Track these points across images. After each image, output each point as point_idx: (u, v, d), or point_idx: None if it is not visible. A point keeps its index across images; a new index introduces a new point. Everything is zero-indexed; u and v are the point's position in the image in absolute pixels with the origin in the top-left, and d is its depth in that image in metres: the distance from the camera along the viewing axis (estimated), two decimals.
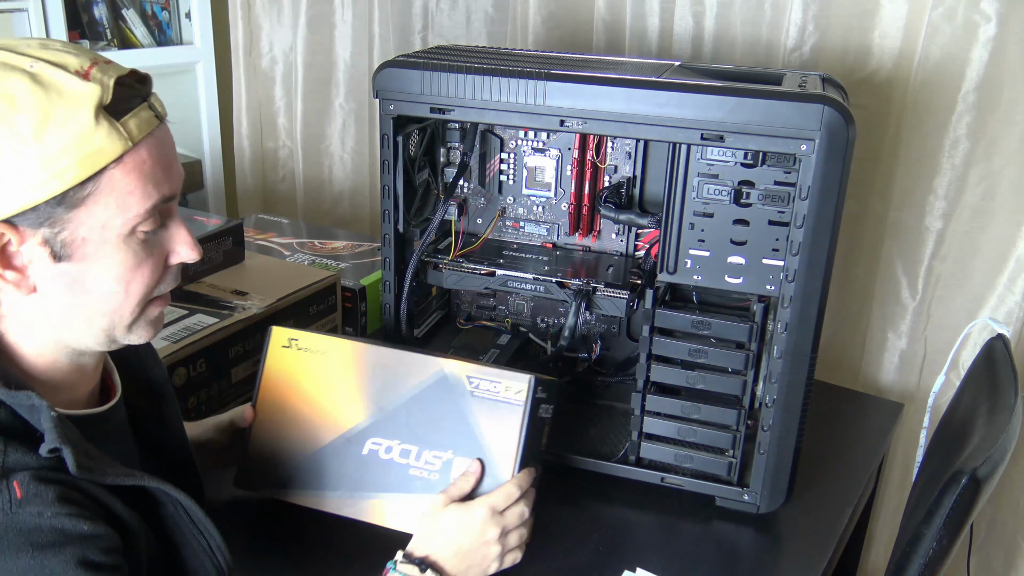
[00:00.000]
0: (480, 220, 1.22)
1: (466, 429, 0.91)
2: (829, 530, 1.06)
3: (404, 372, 0.95)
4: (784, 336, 0.97)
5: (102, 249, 0.68)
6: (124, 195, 0.67)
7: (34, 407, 0.66)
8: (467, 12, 1.80)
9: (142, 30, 2.06)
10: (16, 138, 0.63)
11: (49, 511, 0.62)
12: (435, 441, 0.92)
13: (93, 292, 0.70)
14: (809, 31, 1.41)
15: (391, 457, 0.93)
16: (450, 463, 0.92)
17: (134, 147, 0.67)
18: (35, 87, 0.64)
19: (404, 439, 0.93)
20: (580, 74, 0.98)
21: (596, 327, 1.24)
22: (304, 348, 0.99)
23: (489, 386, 0.92)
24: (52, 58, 0.66)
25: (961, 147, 1.34)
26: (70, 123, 0.64)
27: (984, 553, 1.47)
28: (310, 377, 0.98)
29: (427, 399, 0.93)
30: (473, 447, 0.91)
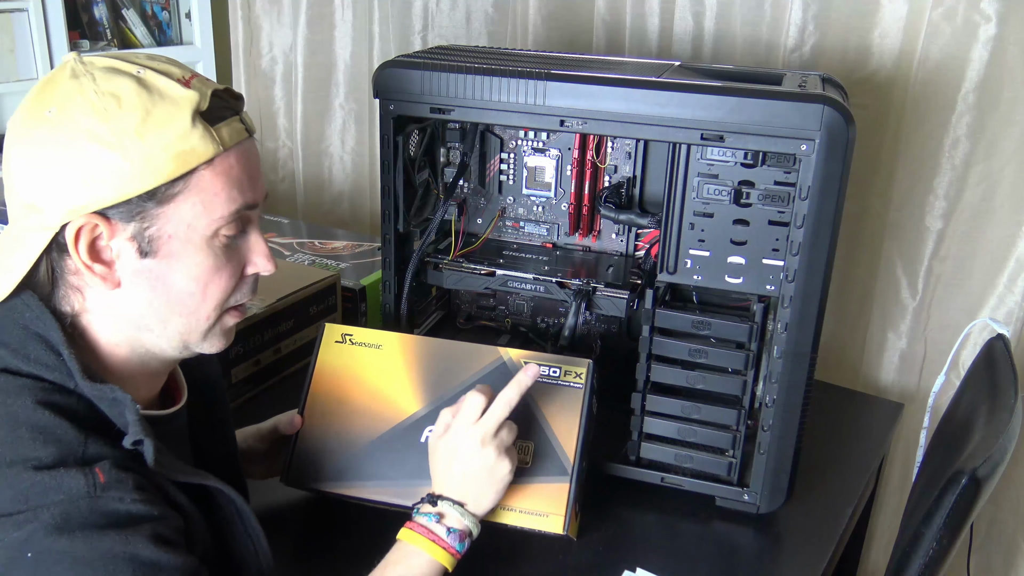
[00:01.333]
0: (480, 220, 1.22)
1: (527, 413, 0.92)
2: (829, 530, 1.06)
3: (462, 361, 0.96)
4: (784, 336, 0.97)
5: (186, 248, 0.71)
6: (211, 196, 0.71)
7: (117, 400, 0.69)
8: (467, 12, 1.80)
9: (142, 30, 2.06)
10: (118, 134, 0.67)
11: (129, 496, 0.66)
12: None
13: (173, 291, 0.73)
14: (809, 31, 1.41)
15: None
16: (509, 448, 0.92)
17: (224, 152, 0.71)
18: (140, 89, 0.68)
19: None
20: (580, 74, 0.98)
21: (596, 327, 1.24)
22: (359, 343, 1.00)
23: (548, 371, 0.94)
24: (157, 67, 0.71)
25: (961, 147, 1.34)
26: (170, 123, 0.68)
27: (984, 553, 1.47)
28: (365, 371, 0.98)
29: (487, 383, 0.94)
30: (534, 430, 0.92)
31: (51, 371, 0.69)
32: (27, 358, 0.69)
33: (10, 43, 1.78)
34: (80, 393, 0.69)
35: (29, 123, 0.69)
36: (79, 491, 0.64)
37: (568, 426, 0.93)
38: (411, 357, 0.98)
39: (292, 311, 1.30)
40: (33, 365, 0.69)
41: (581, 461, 0.93)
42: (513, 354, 0.96)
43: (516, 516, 0.90)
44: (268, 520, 1.03)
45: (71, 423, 0.67)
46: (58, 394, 0.69)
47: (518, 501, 0.90)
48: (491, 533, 1.02)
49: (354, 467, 0.95)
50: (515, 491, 0.90)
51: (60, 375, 0.69)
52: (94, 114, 0.67)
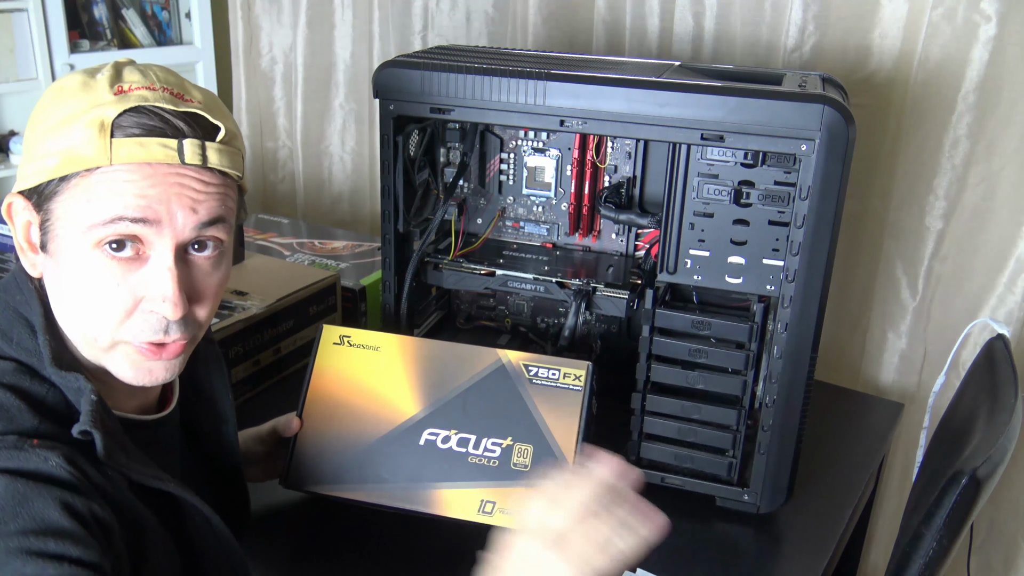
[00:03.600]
0: (480, 220, 1.22)
1: (525, 416, 0.93)
2: (829, 530, 1.06)
3: (460, 363, 0.96)
4: (784, 336, 0.97)
5: (69, 250, 0.69)
6: (83, 203, 0.68)
7: (79, 390, 0.67)
8: (467, 12, 1.80)
9: (142, 30, 2.06)
10: (46, 123, 0.68)
11: (55, 461, 0.63)
12: (493, 429, 0.93)
13: (67, 293, 0.71)
14: (809, 31, 1.41)
15: (449, 447, 0.93)
16: (510, 449, 0.92)
17: (111, 166, 0.67)
18: (82, 87, 0.68)
19: (461, 428, 0.94)
20: (580, 74, 0.98)
21: (596, 327, 1.24)
22: (357, 344, 0.99)
23: (548, 373, 0.94)
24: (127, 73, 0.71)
25: (961, 147, 1.34)
26: (78, 124, 0.67)
27: (984, 553, 1.47)
28: (363, 372, 0.98)
29: (484, 388, 0.94)
30: (533, 433, 0.92)
31: (30, 355, 0.69)
32: (10, 341, 0.70)
33: (10, 43, 1.78)
34: (52, 381, 0.68)
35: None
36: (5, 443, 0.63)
37: (567, 428, 0.92)
38: (409, 359, 0.98)
39: (292, 311, 1.30)
40: (15, 348, 0.69)
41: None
42: (512, 356, 0.96)
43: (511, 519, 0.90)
44: (268, 521, 1.03)
45: (30, 407, 0.66)
46: (29, 378, 0.68)
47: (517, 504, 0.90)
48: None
49: (353, 469, 0.95)
50: (514, 495, 0.90)
51: (37, 360, 0.69)
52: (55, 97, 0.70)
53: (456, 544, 1.01)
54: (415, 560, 0.99)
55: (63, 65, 1.84)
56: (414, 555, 0.99)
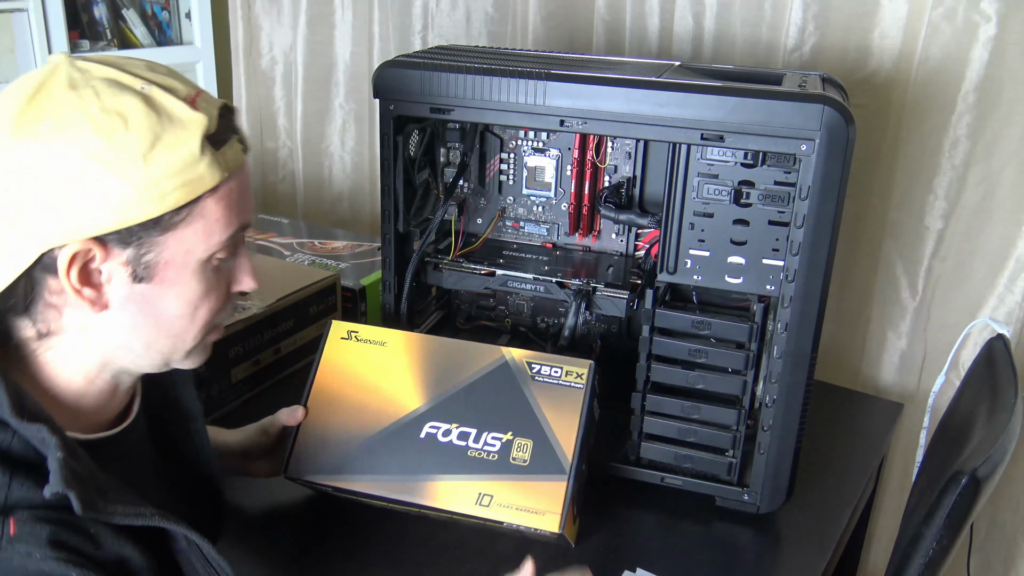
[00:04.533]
0: (480, 220, 1.22)
1: (527, 412, 0.93)
2: (829, 530, 1.06)
3: (464, 360, 0.97)
4: (784, 336, 0.97)
5: (182, 274, 0.69)
6: (212, 222, 0.69)
7: (44, 441, 0.64)
8: (467, 12, 1.80)
9: (142, 30, 2.06)
10: (123, 157, 0.63)
11: (39, 552, 0.61)
12: (494, 423, 0.93)
13: (162, 315, 0.71)
14: (809, 31, 1.41)
15: (449, 440, 0.94)
16: (510, 444, 0.92)
17: (227, 178, 0.69)
18: (148, 110, 0.65)
19: (462, 422, 0.94)
20: (580, 74, 0.98)
21: (596, 327, 1.24)
22: (364, 340, 1.00)
23: (550, 371, 0.94)
24: (162, 82, 0.67)
25: (961, 147, 1.34)
26: (178, 149, 0.65)
27: (984, 553, 1.47)
28: (368, 367, 0.99)
29: (487, 384, 0.95)
30: (533, 428, 0.93)
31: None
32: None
33: (10, 43, 1.78)
34: (14, 428, 0.64)
35: (20, 134, 0.63)
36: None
37: (567, 425, 0.93)
38: (414, 355, 0.98)
39: (292, 311, 1.30)
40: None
41: (580, 462, 0.93)
42: (515, 354, 0.97)
43: (512, 513, 0.90)
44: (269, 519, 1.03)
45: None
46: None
47: (514, 498, 0.90)
48: (492, 536, 1.02)
49: (353, 461, 0.95)
50: (511, 488, 0.90)
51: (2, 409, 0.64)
52: (97, 134, 0.63)
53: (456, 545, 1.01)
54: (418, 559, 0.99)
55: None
56: (416, 554, 0.99)
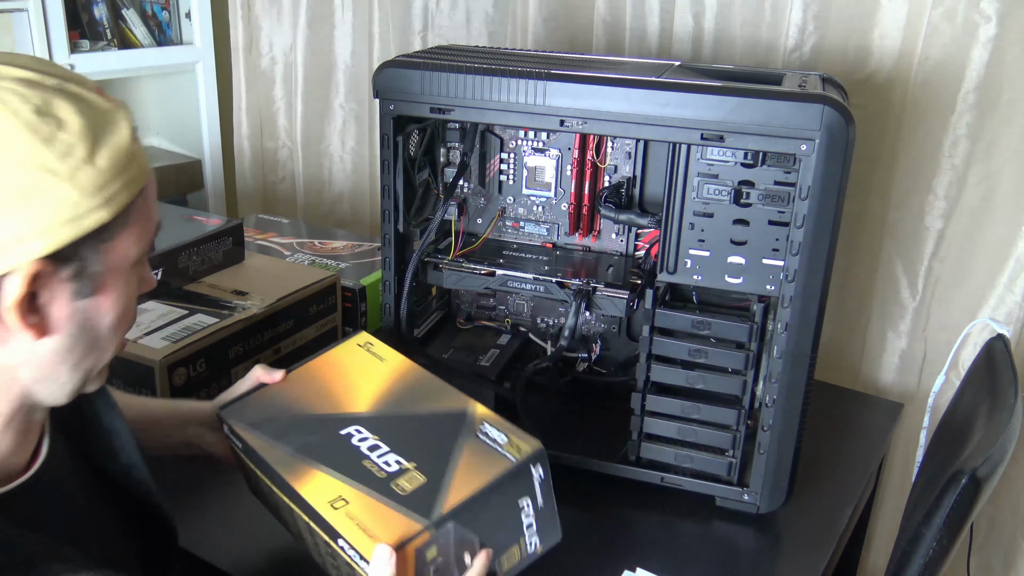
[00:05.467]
0: (480, 220, 1.22)
1: (445, 455, 0.85)
2: (829, 530, 1.06)
3: (432, 395, 0.93)
4: (784, 336, 0.97)
5: (118, 281, 0.64)
6: (145, 220, 0.64)
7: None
8: (467, 12, 1.80)
9: (142, 30, 2.06)
10: (70, 161, 0.58)
11: None
12: (407, 450, 0.87)
13: (97, 330, 0.64)
14: (809, 31, 1.41)
15: (359, 446, 0.88)
16: (404, 472, 0.84)
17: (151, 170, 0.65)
18: (77, 107, 0.59)
19: (383, 437, 0.89)
20: (580, 74, 0.98)
21: (596, 327, 1.24)
22: (375, 354, 0.99)
23: (496, 434, 0.87)
24: (65, 74, 0.61)
25: (961, 147, 1.34)
26: (117, 145, 0.61)
27: (984, 553, 1.47)
28: (357, 371, 0.97)
29: (432, 421, 0.90)
30: (436, 470, 0.84)
31: None
32: None
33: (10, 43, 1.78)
34: None
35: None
36: None
37: (467, 483, 0.81)
38: (396, 375, 0.96)
39: (292, 311, 1.30)
40: None
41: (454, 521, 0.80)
42: (478, 410, 0.90)
43: (349, 526, 0.80)
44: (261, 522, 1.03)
45: None
46: None
47: (364, 514, 0.81)
48: None
49: (273, 425, 0.91)
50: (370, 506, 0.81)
51: None
52: (36, 141, 0.57)
53: None
54: None
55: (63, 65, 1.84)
56: None
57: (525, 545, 0.85)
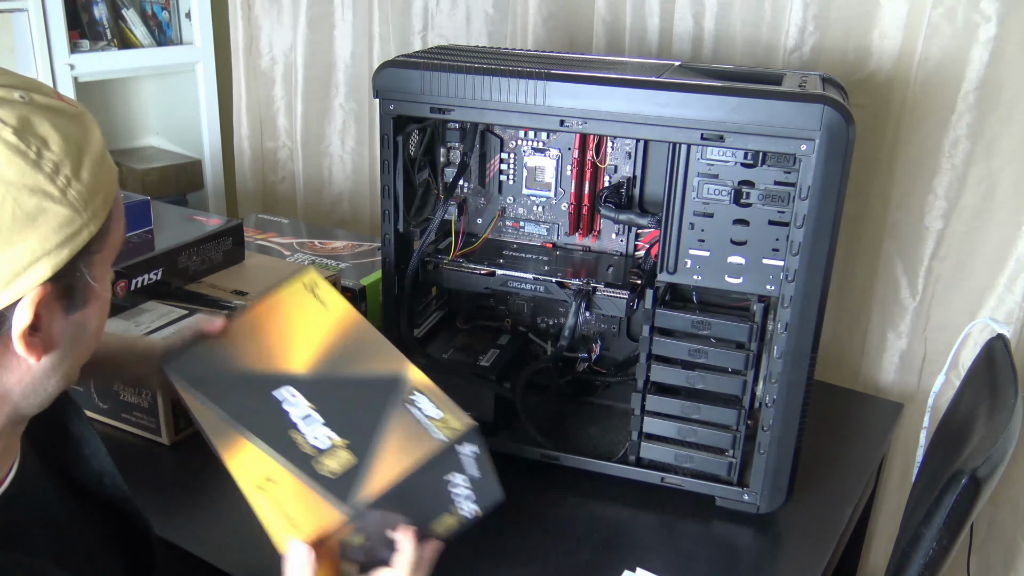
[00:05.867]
0: (480, 220, 1.22)
1: (373, 430, 0.82)
2: (829, 530, 1.07)
3: (368, 354, 0.90)
4: (784, 336, 0.97)
5: (102, 287, 0.63)
6: (120, 225, 0.64)
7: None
8: (467, 12, 1.80)
9: (142, 30, 2.06)
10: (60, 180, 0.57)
11: None
12: (338, 422, 0.84)
13: (84, 340, 0.64)
14: (809, 31, 1.41)
15: (290, 411, 0.85)
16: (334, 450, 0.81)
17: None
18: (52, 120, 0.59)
19: (316, 405, 0.86)
20: (580, 74, 0.98)
21: (596, 327, 1.24)
22: (319, 299, 0.95)
23: (429, 408, 0.83)
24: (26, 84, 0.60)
25: (961, 147, 1.34)
26: (94, 154, 0.60)
27: (984, 553, 1.47)
28: (300, 319, 0.94)
29: (367, 388, 0.86)
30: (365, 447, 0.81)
31: None
32: None
33: (10, 43, 1.78)
34: None
35: None
36: None
37: (394, 464, 0.78)
38: (339, 327, 0.92)
39: None
40: None
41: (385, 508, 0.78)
42: (413, 377, 0.87)
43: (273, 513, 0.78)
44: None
45: None
46: None
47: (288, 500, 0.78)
48: (492, 534, 1.02)
49: (210, 385, 0.89)
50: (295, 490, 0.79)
51: None
52: (25, 164, 0.56)
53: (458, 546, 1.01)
54: None
55: (63, 65, 1.84)
56: None
57: (460, 512, 0.83)
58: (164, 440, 1.14)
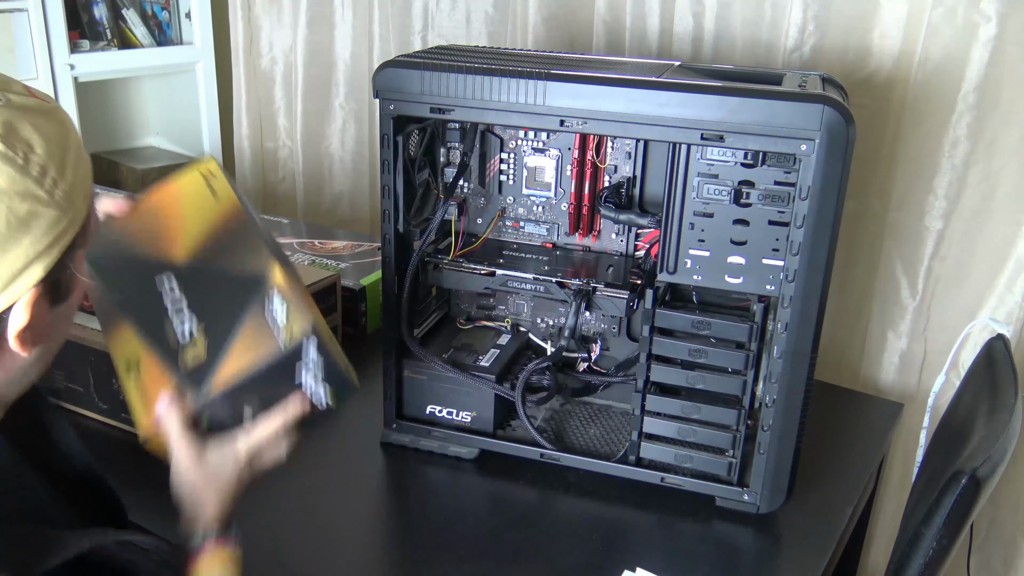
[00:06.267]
0: (480, 220, 1.22)
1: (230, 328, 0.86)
2: (829, 530, 1.06)
3: (242, 250, 0.92)
4: (784, 336, 0.97)
5: (82, 273, 0.66)
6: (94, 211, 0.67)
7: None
8: (467, 12, 1.80)
9: (142, 30, 2.06)
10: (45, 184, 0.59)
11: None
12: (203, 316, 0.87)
13: (67, 327, 0.68)
14: (809, 31, 1.41)
15: (167, 302, 0.88)
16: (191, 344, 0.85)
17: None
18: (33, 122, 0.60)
19: (188, 296, 0.89)
20: (580, 74, 0.98)
21: (596, 327, 1.24)
22: (212, 189, 0.96)
23: (278, 310, 0.87)
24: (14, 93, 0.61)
25: (961, 147, 1.34)
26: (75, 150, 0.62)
27: (984, 553, 1.47)
28: (189, 211, 0.95)
29: (235, 285, 0.89)
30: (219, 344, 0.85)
31: None
32: None
33: (10, 43, 1.78)
34: None
35: None
36: None
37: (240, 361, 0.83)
38: (222, 220, 0.94)
39: None
40: None
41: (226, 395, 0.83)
42: (274, 277, 0.88)
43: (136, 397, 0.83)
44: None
45: None
46: None
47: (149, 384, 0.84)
48: (493, 534, 1.02)
49: (107, 268, 0.90)
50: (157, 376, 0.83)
51: None
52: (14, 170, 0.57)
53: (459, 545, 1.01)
54: (417, 558, 0.99)
55: (63, 65, 1.84)
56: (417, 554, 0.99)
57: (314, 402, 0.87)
58: None
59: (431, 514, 1.07)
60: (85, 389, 1.18)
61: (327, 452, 1.15)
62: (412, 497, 1.11)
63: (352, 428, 1.24)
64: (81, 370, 1.16)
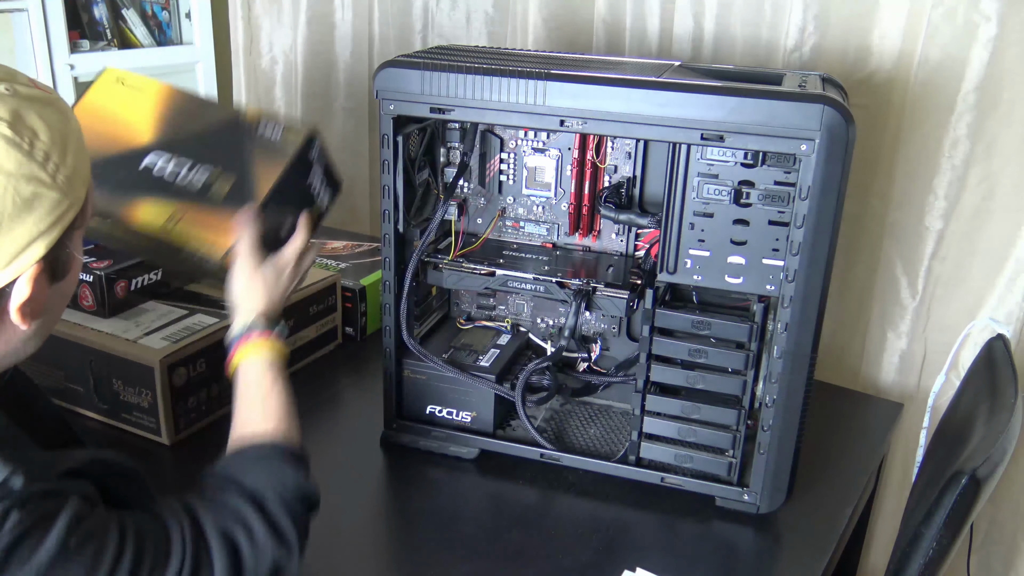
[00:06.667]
0: (480, 220, 1.22)
1: (239, 157, 1.00)
2: (829, 530, 1.06)
3: (200, 111, 1.05)
4: (784, 336, 0.97)
5: (79, 254, 0.71)
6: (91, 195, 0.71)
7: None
8: (467, 12, 1.80)
9: (142, 30, 2.06)
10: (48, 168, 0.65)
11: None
12: (208, 157, 1.00)
13: (64, 302, 0.73)
14: (809, 31, 1.41)
15: (163, 171, 1.00)
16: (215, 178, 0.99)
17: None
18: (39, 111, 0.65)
19: (181, 154, 1.00)
20: (580, 74, 0.98)
21: (596, 327, 1.24)
22: (130, 86, 1.07)
23: (273, 131, 1.02)
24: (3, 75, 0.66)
25: (961, 147, 1.34)
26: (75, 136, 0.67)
27: (984, 553, 1.47)
28: (121, 107, 1.05)
29: (217, 133, 1.02)
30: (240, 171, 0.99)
31: None
32: None
33: (10, 43, 1.78)
34: None
35: None
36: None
37: (268, 177, 0.99)
38: (163, 103, 1.05)
39: (292, 311, 1.30)
40: None
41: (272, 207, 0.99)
42: (250, 111, 1.05)
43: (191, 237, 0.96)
44: None
45: None
46: None
47: (198, 226, 0.97)
48: (493, 534, 1.02)
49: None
50: (200, 217, 0.97)
51: None
52: (21, 155, 0.63)
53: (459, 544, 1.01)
54: (418, 559, 0.99)
55: (63, 65, 1.84)
56: (418, 554, 0.99)
57: (320, 204, 1.08)
58: (164, 440, 1.14)
59: (431, 514, 1.07)
60: (85, 389, 1.18)
61: (327, 452, 1.15)
62: (412, 497, 1.11)
63: (352, 428, 1.24)
64: (81, 370, 1.16)
